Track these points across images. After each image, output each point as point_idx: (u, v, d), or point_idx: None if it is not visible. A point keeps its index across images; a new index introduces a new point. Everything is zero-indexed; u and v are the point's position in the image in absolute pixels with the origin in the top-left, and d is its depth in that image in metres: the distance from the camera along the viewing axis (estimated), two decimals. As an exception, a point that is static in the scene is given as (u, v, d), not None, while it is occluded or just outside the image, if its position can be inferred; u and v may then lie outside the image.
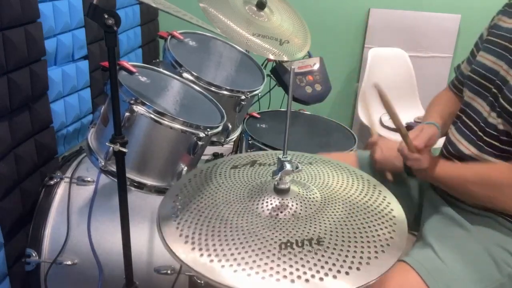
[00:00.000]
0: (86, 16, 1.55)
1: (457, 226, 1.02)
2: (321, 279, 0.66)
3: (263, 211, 0.79)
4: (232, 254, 0.69)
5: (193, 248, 0.71)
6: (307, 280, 0.66)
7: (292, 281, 0.66)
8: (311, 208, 0.81)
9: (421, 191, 1.21)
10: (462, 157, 1.04)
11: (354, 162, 1.27)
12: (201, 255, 0.70)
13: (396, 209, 0.84)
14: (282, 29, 1.62)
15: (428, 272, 0.91)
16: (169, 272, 1.22)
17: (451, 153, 1.08)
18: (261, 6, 1.60)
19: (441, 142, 1.17)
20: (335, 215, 0.80)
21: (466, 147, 1.04)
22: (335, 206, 0.82)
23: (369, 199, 0.86)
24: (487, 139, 0.99)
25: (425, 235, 1.03)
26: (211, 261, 0.69)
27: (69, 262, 1.22)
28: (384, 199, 0.87)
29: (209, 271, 0.67)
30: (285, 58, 1.57)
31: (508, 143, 0.95)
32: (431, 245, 0.98)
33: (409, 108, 2.48)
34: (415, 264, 0.92)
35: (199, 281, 1.23)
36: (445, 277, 0.91)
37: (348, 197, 0.86)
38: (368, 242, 0.74)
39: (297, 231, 0.75)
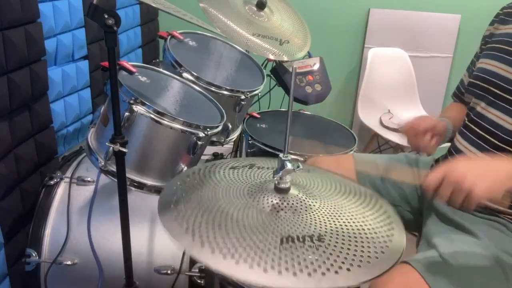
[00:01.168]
0: (86, 16, 1.55)
1: (464, 230, 1.01)
2: (323, 273, 0.66)
3: (263, 208, 0.79)
4: (233, 246, 0.69)
5: (194, 239, 0.71)
6: (309, 274, 0.66)
7: (294, 274, 0.66)
8: (311, 208, 0.81)
9: (422, 192, 1.21)
10: None
11: (351, 164, 1.27)
12: (203, 246, 0.70)
13: (393, 217, 0.84)
14: (282, 29, 1.62)
15: (432, 274, 0.90)
16: (169, 272, 1.22)
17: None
18: (261, 6, 1.60)
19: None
20: (334, 216, 0.80)
21: (474, 153, 1.03)
22: (334, 209, 0.83)
23: (366, 207, 0.87)
24: (499, 144, 0.98)
25: (429, 237, 1.02)
26: (213, 252, 0.68)
27: (69, 262, 1.22)
28: (381, 207, 0.87)
29: (211, 261, 0.67)
30: (285, 58, 1.57)
31: None
32: (436, 248, 0.97)
33: (409, 108, 2.48)
34: (418, 266, 0.91)
35: (199, 281, 1.23)
36: (449, 280, 0.90)
37: (346, 202, 0.87)
38: (368, 243, 0.74)
39: (297, 228, 0.75)
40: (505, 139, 0.98)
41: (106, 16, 0.85)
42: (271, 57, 1.51)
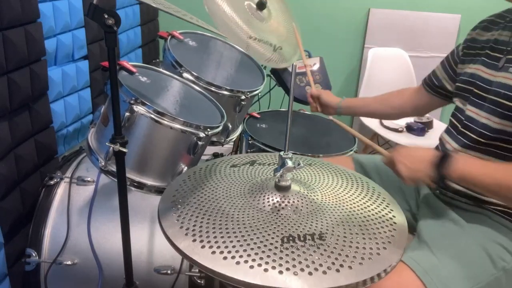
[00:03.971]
0: (86, 16, 1.55)
1: (452, 224, 1.03)
2: (324, 272, 0.66)
3: (264, 206, 0.80)
4: (234, 247, 0.69)
5: (194, 240, 0.71)
6: (310, 273, 0.66)
7: (295, 273, 0.66)
8: (312, 205, 0.81)
9: (418, 192, 1.22)
10: None
11: (350, 166, 1.28)
12: (203, 247, 0.70)
13: (395, 210, 0.85)
14: (279, 32, 1.61)
15: (424, 270, 0.91)
16: (169, 272, 1.22)
17: None
18: (261, 6, 1.59)
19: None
20: (336, 213, 0.80)
21: (456, 149, 1.06)
22: (335, 205, 0.83)
23: (368, 200, 0.87)
24: (487, 141, 1.00)
25: (421, 233, 1.04)
26: (213, 252, 0.69)
27: (69, 262, 1.22)
28: (384, 200, 0.88)
29: (211, 263, 0.67)
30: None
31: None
32: (426, 243, 0.99)
33: (409, 108, 2.47)
34: (410, 262, 0.93)
35: (199, 281, 1.23)
36: (441, 274, 0.91)
37: (348, 197, 0.87)
38: (370, 239, 0.74)
39: (298, 227, 0.75)
40: (488, 136, 1.00)
41: (106, 16, 0.85)
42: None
